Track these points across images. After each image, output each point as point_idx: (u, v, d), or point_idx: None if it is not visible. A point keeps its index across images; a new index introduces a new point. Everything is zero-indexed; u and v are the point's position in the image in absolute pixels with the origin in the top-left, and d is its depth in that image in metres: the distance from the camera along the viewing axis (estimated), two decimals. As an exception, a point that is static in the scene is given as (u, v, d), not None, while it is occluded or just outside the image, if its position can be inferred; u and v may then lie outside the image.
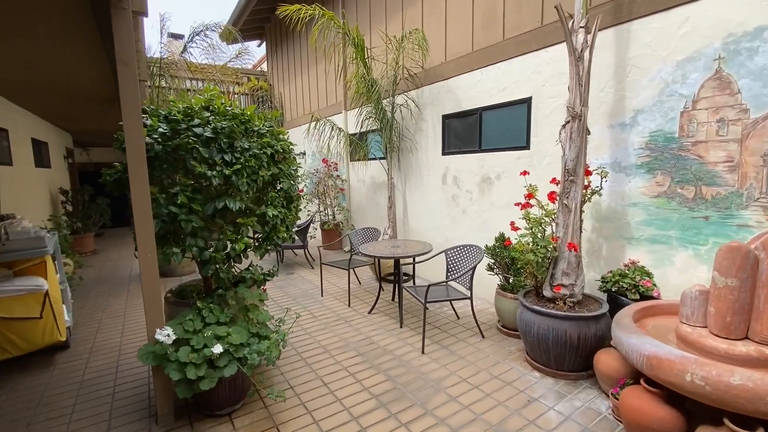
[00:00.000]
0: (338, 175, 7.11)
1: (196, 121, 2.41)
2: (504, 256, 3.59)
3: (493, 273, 3.77)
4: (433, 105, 5.00)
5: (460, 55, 4.52)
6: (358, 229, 5.11)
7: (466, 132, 4.63)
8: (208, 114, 2.50)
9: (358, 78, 5.24)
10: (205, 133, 2.37)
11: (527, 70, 3.78)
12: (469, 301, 3.47)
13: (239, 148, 2.50)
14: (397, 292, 4.48)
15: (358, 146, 5.83)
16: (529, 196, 3.24)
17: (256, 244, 2.84)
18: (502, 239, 3.66)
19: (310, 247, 7.41)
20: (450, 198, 4.85)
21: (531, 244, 3.02)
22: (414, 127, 5.35)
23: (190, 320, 2.33)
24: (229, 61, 7.43)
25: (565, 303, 2.85)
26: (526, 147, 3.87)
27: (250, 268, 2.93)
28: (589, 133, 2.98)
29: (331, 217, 7.26)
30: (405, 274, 4.49)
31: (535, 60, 3.70)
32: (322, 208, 7.28)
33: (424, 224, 5.33)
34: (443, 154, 4.92)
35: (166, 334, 2.18)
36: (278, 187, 2.96)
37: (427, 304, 3.39)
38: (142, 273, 2.21)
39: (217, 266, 2.54)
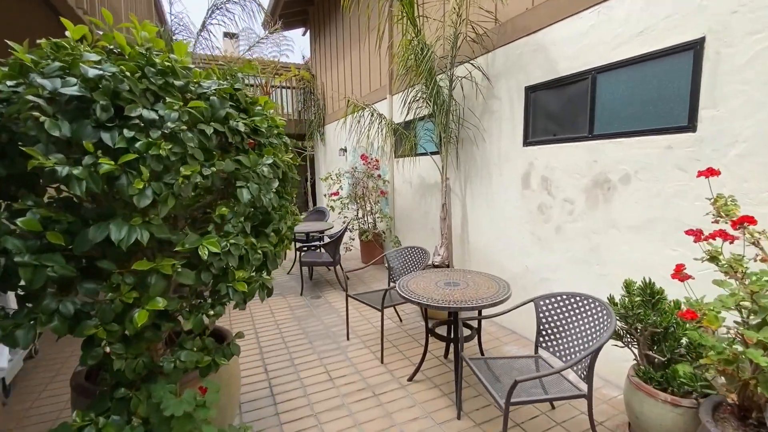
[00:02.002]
0: (379, 175, 5.80)
1: (54, 65, 1.20)
2: (651, 321, 2.00)
3: (622, 344, 2.19)
4: (510, 74, 3.47)
5: (559, -8, 2.96)
6: (400, 249, 3.75)
7: (565, 109, 3.04)
8: (93, 58, 1.29)
9: (404, 46, 3.86)
10: (62, 89, 1.16)
11: (697, -10, 2.14)
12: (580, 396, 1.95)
13: (139, 120, 1.26)
14: (454, 358, 3.06)
15: (403, 138, 4.47)
16: (721, 216, 1.65)
17: (185, 307, 1.60)
18: (649, 292, 2.07)
19: (348, 259, 6.23)
20: (535, 209, 3.30)
21: (746, 318, 1.43)
22: (481, 107, 3.85)
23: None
24: (259, 41, 6.46)
25: None
26: (689, 127, 2.23)
27: (186, 345, 1.66)
28: None
29: (371, 225, 5.98)
30: (466, 326, 3.05)
31: (717, -32, 2.05)
32: (360, 215, 6.03)
33: (491, 244, 3.82)
34: (525, 144, 3.37)
35: None
36: (245, 199, 1.69)
37: (512, 407, 1.92)
38: None
39: (108, 348, 1.33)
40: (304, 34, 10.86)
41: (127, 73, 1.27)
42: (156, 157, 1.23)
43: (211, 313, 1.58)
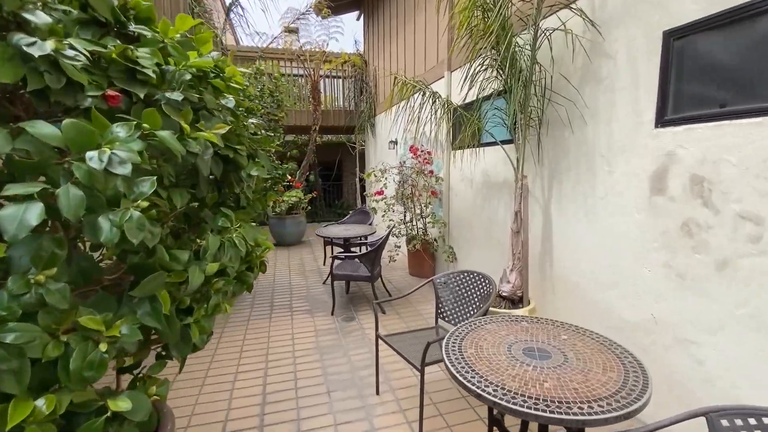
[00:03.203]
0: (431, 171, 4.76)
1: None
2: None
3: None
4: (634, 15, 2.24)
5: None
6: (454, 275, 2.71)
7: (747, 62, 1.77)
8: None
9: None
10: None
11: None
12: None
13: None
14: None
15: (464, 122, 3.37)
16: None
17: None
18: None
19: (394, 268, 5.31)
20: (675, 228, 2.06)
21: None
22: (580, 73, 2.65)
23: None
24: (299, 18, 5.75)
25: None
26: None
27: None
28: None
29: (420, 231, 4.98)
30: None
31: None
32: (407, 218, 5.05)
33: (590, 274, 2.62)
34: (660, 124, 2.13)
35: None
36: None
37: None
38: None
39: None
40: (358, 18, 10.09)
41: None
42: None
43: None
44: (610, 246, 2.45)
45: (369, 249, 4.29)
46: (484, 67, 3.08)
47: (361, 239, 4.81)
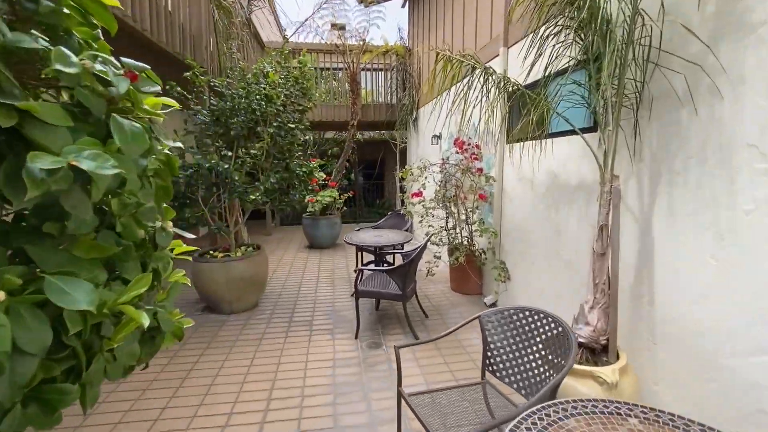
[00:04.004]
0: (480, 169, 3.96)
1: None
2: None
3: None
4: None
5: None
6: (506, 315, 1.97)
7: None
8: None
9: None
10: None
11: None
12: None
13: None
14: None
15: (528, 103, 2.53)
16: None
17: None
18: None
19: (434, 281, 4.59)
20: None
21: None
22: (713, 19, 1.76)
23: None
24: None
25: None
26: None
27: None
28: None
29: (465, 240, 4.21)
30: None
31: None
32: (450, 224, 4.31)
33: (724, 325, 1.73)
34: None
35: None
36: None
37: None
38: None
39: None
40: (403, 5, 9.42)
41: None
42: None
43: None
44: (762, 288, 1.56)
45: (404, 261, 3.64)
46: (556, 29, 2.28)
47: (395, 248, 4.16)
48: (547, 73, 2.43)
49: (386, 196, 12.12)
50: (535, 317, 1.87)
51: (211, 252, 4.07)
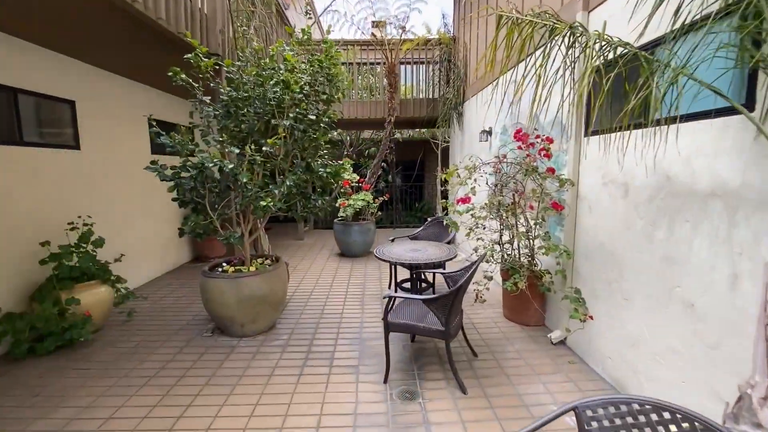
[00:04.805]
0: (550, 169, 3.08)
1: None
2: None
3: None
4: None
5: None
6: (627, 408, 1.16)
7: None
8: None
9: None
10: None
11: None
12: None
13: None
14: None
15: (640, 74, 1.69)
16: None
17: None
18: None
19: (486, 306, 3.76)
20: None
21: None
22: None
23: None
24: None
25: None
26: None
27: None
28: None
29: (526, 260, 3.36)
30: None
31: None
32: (506, 238, 3.47)
33: None
34: None
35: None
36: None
37: None
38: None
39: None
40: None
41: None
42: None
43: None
44: None
45: (448, 283, 2.90)
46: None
47: (436, 267, 3.41)
48: (671, 30, 1.59)
49: (426, 198, 11.33)
50: (646, 417, 1.05)
51: (225, 265, 3.57)
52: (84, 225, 3.47)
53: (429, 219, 5.34)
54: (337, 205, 6.34)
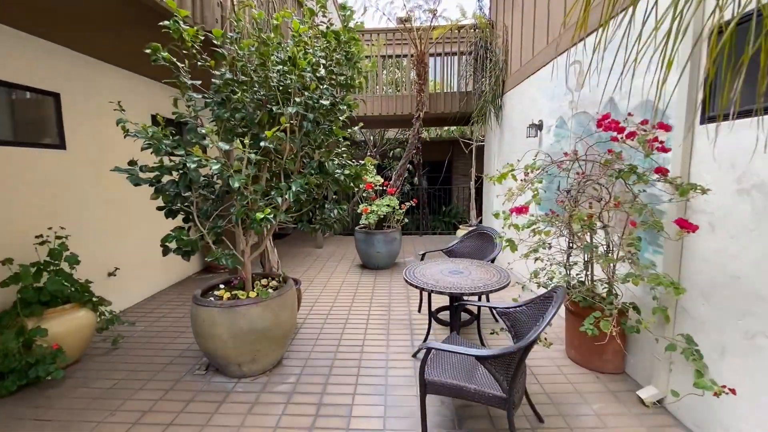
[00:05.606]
0: (662, 169, 2.22)
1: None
2: None
3: None
4: None
5: None
6: None
7: None
8: None
9: None
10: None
11: None
12: None
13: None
14: None
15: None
16: None
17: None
18: None
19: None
20: None
21: None
22: None
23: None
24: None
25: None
26: None
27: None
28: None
29: (602, 291, 2.54)
30: None
31: None
32: (576, 258, 2.66)
33: None
34: None
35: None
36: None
37: None
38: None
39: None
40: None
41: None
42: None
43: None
44: None
45: (496, 318, 2.17)
46: None
47: (482, 296, 2.63)
48: None
49: (454, 201, 10.51)
50: None
51: (222, 287, 2.95)
52: (57, 238, 2.93)
53: (468, 229, 4.55)
54: (359, 210, 5.66)
